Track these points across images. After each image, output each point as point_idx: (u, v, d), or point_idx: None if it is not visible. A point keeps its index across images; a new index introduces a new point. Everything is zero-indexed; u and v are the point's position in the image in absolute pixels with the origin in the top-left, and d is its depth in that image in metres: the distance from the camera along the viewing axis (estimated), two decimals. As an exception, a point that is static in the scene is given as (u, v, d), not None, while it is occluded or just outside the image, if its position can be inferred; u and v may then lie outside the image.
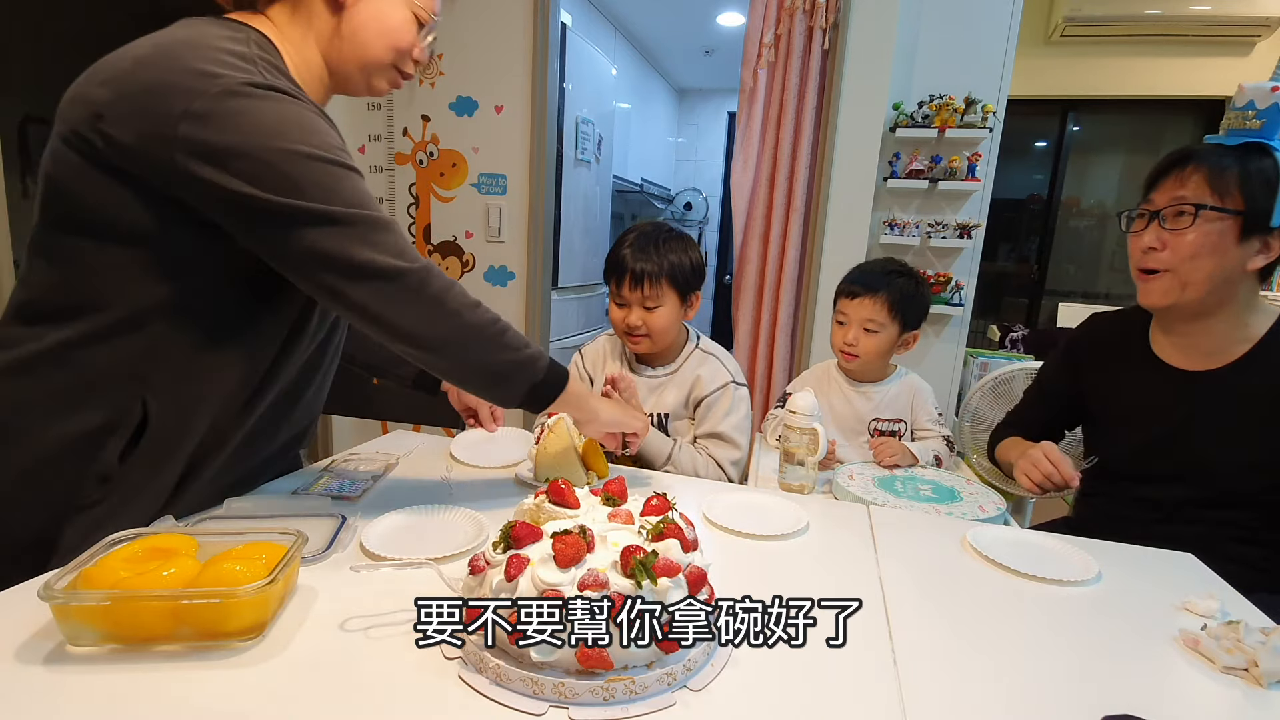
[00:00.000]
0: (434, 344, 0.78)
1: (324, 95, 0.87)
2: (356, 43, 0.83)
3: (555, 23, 2.51)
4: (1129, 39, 3.78)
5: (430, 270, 0.76)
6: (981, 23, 2.30)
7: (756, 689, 0.58)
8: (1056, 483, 1.08)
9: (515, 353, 0.83)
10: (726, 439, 1.29)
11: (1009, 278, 4.57)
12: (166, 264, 0.73)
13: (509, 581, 0.57)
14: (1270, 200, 0.96)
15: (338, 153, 0.73)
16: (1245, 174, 0.97)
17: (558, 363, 0.89)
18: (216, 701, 0.53)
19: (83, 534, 0.72)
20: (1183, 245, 1.00)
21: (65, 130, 0.71)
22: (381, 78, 0.87)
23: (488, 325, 0.80)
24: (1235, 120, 1.01)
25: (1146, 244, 1.04)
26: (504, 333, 0.82)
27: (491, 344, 0.81)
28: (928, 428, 1.41)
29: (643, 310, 1.28)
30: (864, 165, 2.34)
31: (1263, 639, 0.65)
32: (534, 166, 2.56)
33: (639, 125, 4.61)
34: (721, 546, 0.87)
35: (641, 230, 1.31)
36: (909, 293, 1.38)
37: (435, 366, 0.81)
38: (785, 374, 2.53)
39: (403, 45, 0.85)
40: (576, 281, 3.08)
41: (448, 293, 0.77)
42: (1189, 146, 1.04)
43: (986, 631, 0.71)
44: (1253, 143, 0.99)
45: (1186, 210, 0.99)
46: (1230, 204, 0.97)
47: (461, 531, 0.84)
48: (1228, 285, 1.02)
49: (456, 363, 0.81)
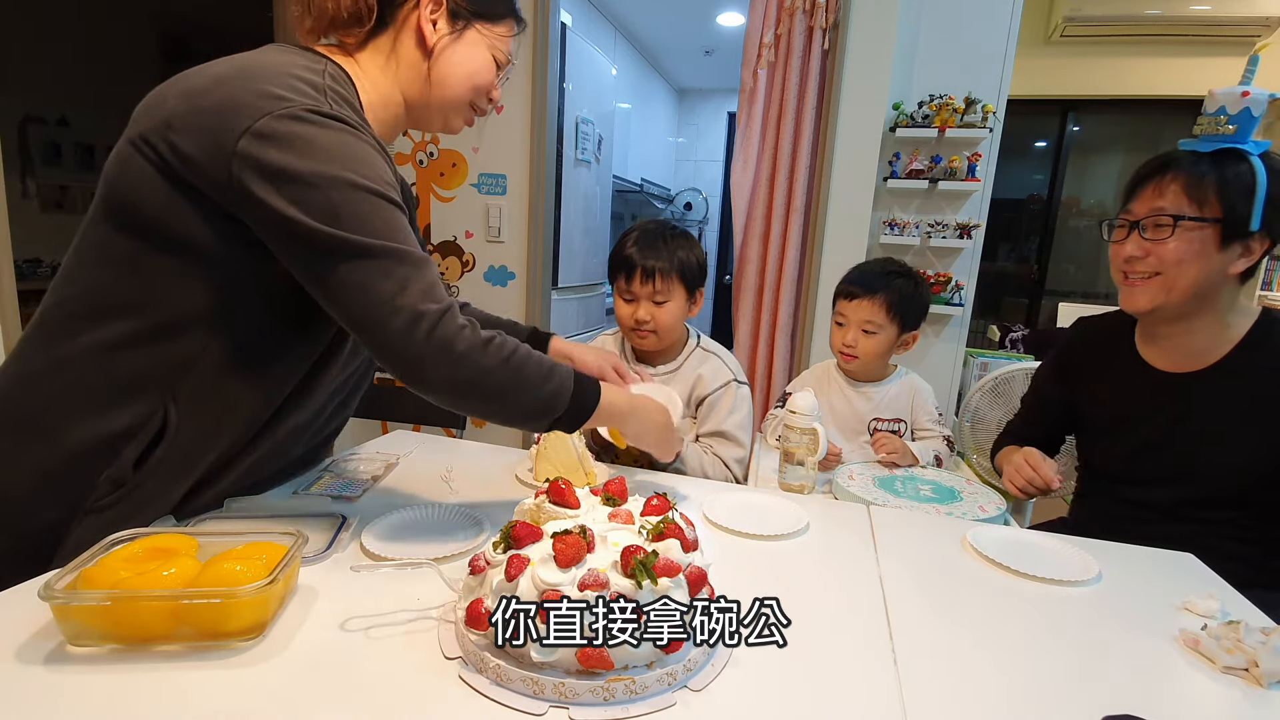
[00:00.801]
0: (445, 389, 0.75)
1: (395, 130, 0.89)
2: (441, 84, 0.86)
3: (555, 23, 2.51)
4: (1129, 39, 3.79)
5: (452, 314, 0.74)
6: (981, 23, 2.30)
7: (757, 689, 0.58)
8: (1039, 486, 1.12)
9: (538, 389, 0.79)
10: (730, 437, 1.29)
11: (1009, 278, 4.58)
12: (215, 276, 0.74)
13: (509, 581, 0.57)
14: (1248, 206, 0.97)
15: (385, 187, 0.73)
16: (1222, 181, 0.98)
17: (582, 380, 0.84)
18: (216, 701, 0.53)
19: (89, 536, 0.72)
20: (1165, 252, 1.01)
21: (135, 134, 0.72)
22: (458, 116, 0.90)
23: (499, 367, 0.75)
24: (1208, 125, 1.02)
25: (1129, 253, 1.05)
26: (520, 369, 0.77)
27: (512, 386, 0.77)
28: (928, 428, 1.41)
29: (651, 305, 1.28)
30: (864, 165, 2.34)
31: (1263, 639, 0.65)
32: (534, 166, 2.56)
33: (639, 125, 4.61)
34: (722, 547, 0.87)
35: (645, 228, 1.31)
36: (908, 293, 1.38)
37: (457, 409, 0.80)
38: (785, 374, 2.53)
39: (482, 85, 0.88)
40: (576, 281, 3.08)
41: (458, 335, 0.73)
42: (1166, 154, 1.05)
43: (987, 631, 0.71)
44: (1227, 148, 1.00)
45: (1165, 221, 1.01)
46: (1208, 212, 0.98)
47: (461, 531, 0.84)
48: (1210, 289, 1.03)
49: (477, 410, 0.79)
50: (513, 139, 2.56)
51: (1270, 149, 1.00)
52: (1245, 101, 0.98)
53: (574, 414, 0.82)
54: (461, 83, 0.86)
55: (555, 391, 0.80)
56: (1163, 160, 1.04)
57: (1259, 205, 0.96)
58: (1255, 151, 0.99)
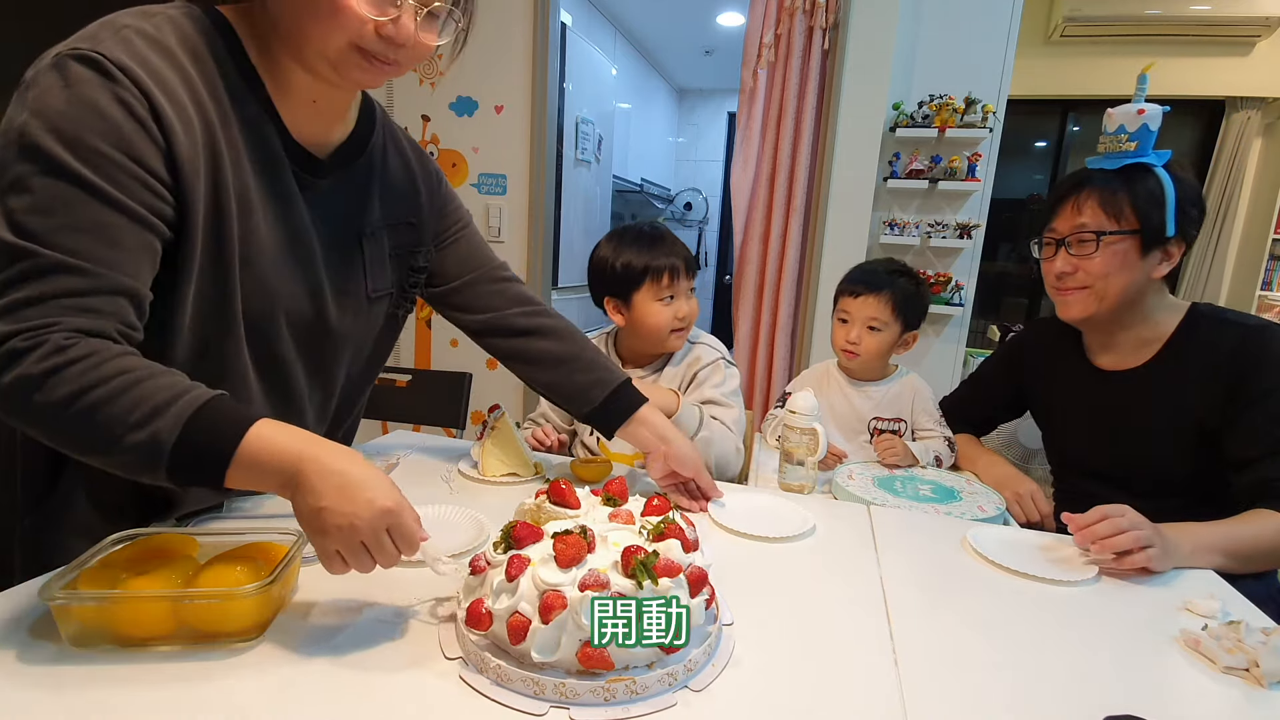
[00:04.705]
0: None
1: (311, 91, 0.75)
2: (293, 28, 0.69)
3: (555, 23, 2.51)
4: (1129, 39, 3.78)
5: (29, 338, 0.56)
6: (981, 23, 2.30)
7: (757, 689, 0.58)
8: (1035, 522, 1.16)
9: (119, 437, 0.57)
10: (721, 402, 1.29)
11: (1009, 278, 4.57)
12: None
13: (510, 581, 0.57)
14: (1161, 215, 1.03)
15: (96, 159, 0.59)
16: (1134, 195, 1.04)
17: (214, 424, 0.60)
18: (216, 701, 0.53)
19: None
20: (1093, 266, 1.08)
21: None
22: (347, 64, 0.70)
23: (61, 407, 0.57)
24: (1111, 144, 1.08)
25: (1059, 269, 1.12)
26: (98, 407, 0.57)
27: (82, 429, 0.58)
28: (929, 427, 1.41)
29: (685, 299, 1.29)
30: (864, 165, 2.34)
31: (1263, 639, 0.65)
32: (534, 166, 2.55)
33: (639, 125, 4.61)
34: (722, 547, 0.87)
35: (639, 231, 1.31)
36: (910, 292, 1.39)
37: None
38: (785, 374, 2.53)
39: (346, 23, 0.67)
40: (576, 281, 3.08)
41: (11, 364, 0.56)
42: (1078, 174, 1.12)
43: (987, 631, 0.71)
44: (1134, 163, 1.06)
45: (1087, 237, 1.07)
46: (1126, 225, 1.05)
47: (462, 531, 0.84)
48: (1138, 294, 1.09)
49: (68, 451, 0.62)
50: (512, 139, 2.56)
51: (1171, 159, 1.06)
52: (1142, 119, 1.05)
53: (190, 468, 0.59)
54: (311, 25, 0.68)
55: (143, 443, 0.57)
56: (1076, 179, 1.11)
57: (1170, 213, 1.03)
58: (1159, 163, 1.05)
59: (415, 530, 0.62)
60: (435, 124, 2.63)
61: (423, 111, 2.63)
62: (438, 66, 2.56)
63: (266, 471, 0.60)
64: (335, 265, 0.83)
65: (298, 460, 0.59)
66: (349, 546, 0.59)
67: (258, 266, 0.74)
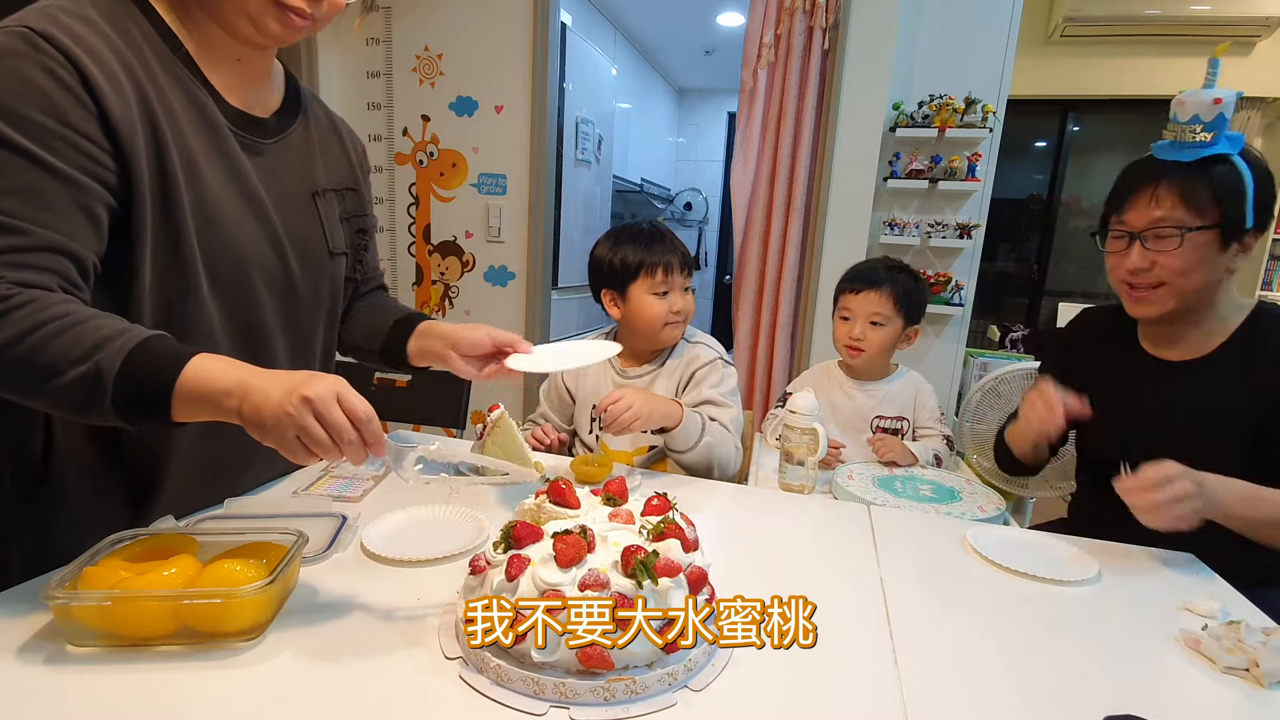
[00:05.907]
0: None
1: (234, 51, 0.77)
2: None
3: (555, 23, 2.50)
4: (1129, 39, 3.78)
5: None
6: (981, 23, 2.29)
7: (757, 689, 0.58)
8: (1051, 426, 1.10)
9: (60, 372, 0.59)
10: (719, 402, 1.29)
11: (1009, 278, 4.58)
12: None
13: (510, 581, 0.57)
14: (1241, 207, 0.99)
15: (15, 121, 0.61)
16: (1215, 188, 0.99)
17: (152, 358, 0.62)
18: (216, 701, 0.53)
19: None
20: (1172, 262, 1.02)
21: None
22: (267, 18, 0.72)
23: (6, 346, 0.59)
24: (1184, 134, 1.02)
25: (1134, 265, 1.06)
26: (41, 347, 0.59)
27: (26, 367, 0.60)
28: (930, 426, 1.41)
29: (680, 295, 1.29)
30: (864, 165, 2.34)
31: (1264, 639, 0.65)
32: (534, 166, 2.55)
33: (639, 125, 4.61)
34: (723, 547, 0.87)
35: (638, 229, 1.32)
36: (910, 287, 1.42)
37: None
38: (785, 374, 2.53)
39: None
40: (576, 281, 3.08)
41: None
42: (1149, 163, 1.06)
43: (987, 631, 0.71)
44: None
45: (1169, 233, 1.01)
46: (1209, 219, 1.00)
47: (461, 531, 0.84)
48: (1212, 288, 1.05)
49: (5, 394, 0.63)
50: (512, 139, 2.56)
51: (1245, 144, 1.02)
52: (1218, 109, 0.99)
53: (130, 400, 0.61)
54: None
55: (86, 375, 0.59)
56: (1150, 171, 1.05)
57: (1250, 204, 0.99)
58: (1234, 151, 1.00)
59: (363, 402, 0.62)
60: (435, 124, 2.63)
61: (422, 111, 2.63)
62: (438, 66, 2.56)
63: (213, 393, 0.61)
64: (293, 223, 0.85)
65: (240, 380, 0.61)
66: (303, 425, 0.59)
67: (219, 227, 0.75)
